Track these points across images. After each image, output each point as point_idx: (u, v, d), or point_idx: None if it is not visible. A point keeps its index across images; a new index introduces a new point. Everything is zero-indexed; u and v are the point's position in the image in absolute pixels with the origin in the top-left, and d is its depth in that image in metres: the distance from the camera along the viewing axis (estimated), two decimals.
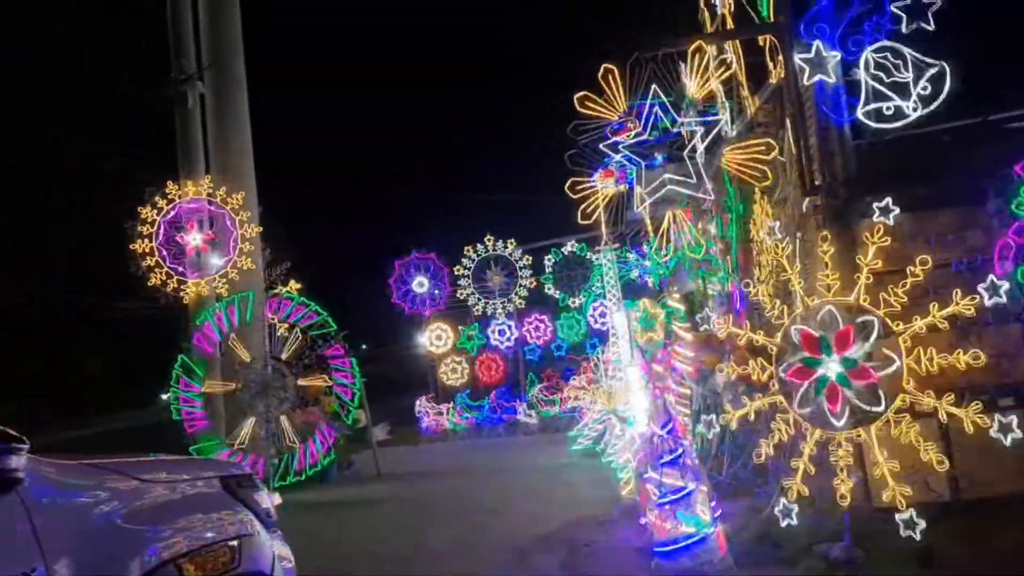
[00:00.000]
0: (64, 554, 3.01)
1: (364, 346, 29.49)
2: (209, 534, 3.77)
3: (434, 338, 20.43)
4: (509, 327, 20.23)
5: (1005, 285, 6.25)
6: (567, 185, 10.35)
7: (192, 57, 14.30)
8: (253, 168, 14.20)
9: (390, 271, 20.60)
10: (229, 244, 13.00)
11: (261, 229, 13.63)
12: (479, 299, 20.32)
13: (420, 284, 20.34)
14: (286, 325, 12.22)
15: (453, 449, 16.80)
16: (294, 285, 12.18)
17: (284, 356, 12.18)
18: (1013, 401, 7.01)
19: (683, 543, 6.84)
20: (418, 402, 19.13)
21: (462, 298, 20.35)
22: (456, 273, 20.46)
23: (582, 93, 9.34)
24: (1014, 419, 6.13)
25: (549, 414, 18.02)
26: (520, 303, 20.27)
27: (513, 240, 20.53)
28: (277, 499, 4.58)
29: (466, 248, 20.58)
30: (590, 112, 9.87)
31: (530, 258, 20.52)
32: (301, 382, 12.14)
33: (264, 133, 14.97)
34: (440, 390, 20.10)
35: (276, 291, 12.45)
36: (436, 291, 20.41)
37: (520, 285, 20.25)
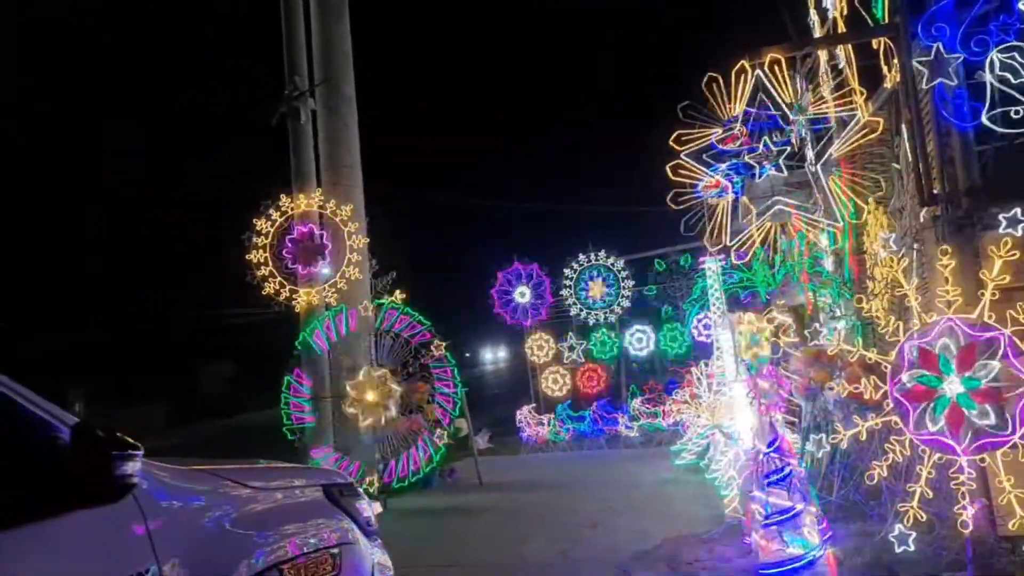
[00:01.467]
0: (175, 556, 3.19)
1: (466, 355, 29.90)
2: (312, 541, 3.91)
3: (536, 348, 20.48)
4: (610, 338, 20.06)
5: None
6: (669, 196, 10.20)
7: (305, 74, 14.91)
8: (361, 181, 14.66)
9: (494, 281, 20.80)
10: (338, 255, 13.48)
11: (368, 240, 14.05)
12: (581, 309, 20.24)
13: (522, 294, 20.44)
14: (391, 335, 12.52)
15: (554, 460, 16.77)
16: (399, 295, 12.48)
17: (389, 365, 12.48)
18: None
19: (789, 566, 6.61)
20: (519, 412, 19.20)
21: (564, 307, 20.33)
22: (557, 283, 20.45)
23: (685, 103, 9.20)
24: None
25: (652, 427, 17.74)
26: (622, 313, 20.08)
27: (615, 251, 20.37)
28: (378, 507, 4.70)
29: (568, 258, 20.54)
30: (695, 121, 9.70)
31: (632, 269, 20.29)
32: (405, 390, 12.40)
33: (376, 146, 15.45)
34: (541, 400, 20.11)
35: (382, 301, 12.78)
36: (537, 301, 20.46)
37: (622, 296, 20.05)
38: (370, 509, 4.52)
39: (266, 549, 3.64)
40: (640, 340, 20.12)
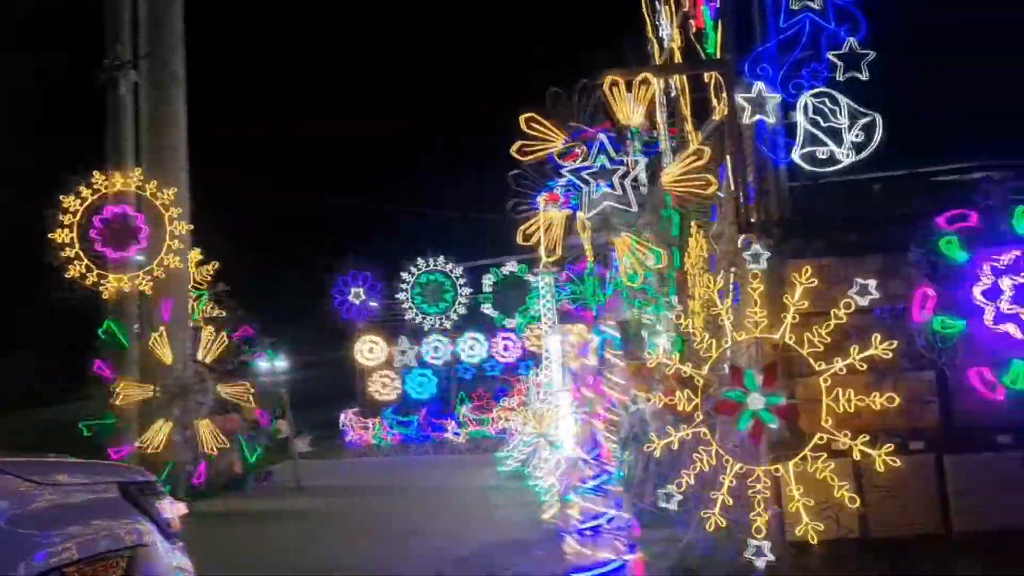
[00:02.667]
0: None
1: (292, 355, 28.86)
2: (103, 542, 3.58)
3: (365, 350, 20.13)
4: (442, 344, 20.08)
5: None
6: (508, 205, 10.35)
7: (128, 43, 13.85)
8: (187, 164, 13.82)
9: (326, 281, 20.30)
10: (156, 241, 12.60)
11: (192, 227, 13.25)
12: (416, 314, 20.14)
13: (356, 296, 20.07)
14: (210, 329, 11.86)
15: (377, 465, 16.53)
16: (222, 287, 11.85)
17: (207, 360, 11.81)
18: (923, 445, 7.22)
19: (599, 570, 6.81)
20: (344, 415, 18.77)
21: (399, 310, 20.16)
22: (393, 287, 20.25)
23: (528, 114, 9.38)
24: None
25: (479, 434, 17.89)
26: (457, 320, 20.17)
27: (453, 257, 20.46)
28: (182, 508, 4.38)
29: (405, 262, 20.41)
30: (535, 133, 9.91)
31: (469, 277, 20.45)
32: (222, 388, 11.77)
33: (203, 130, 14.63)
34: (368, 404, 19.78)
35: (203, 292, 12.09)
36: (372, 303, 20.17)
37: (458, 303, 20.15)
38: (172, 510, 4.21)
39: (49, 550, 3.29)
40: (473, 347, 20.27)
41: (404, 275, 20.30)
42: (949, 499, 7.20)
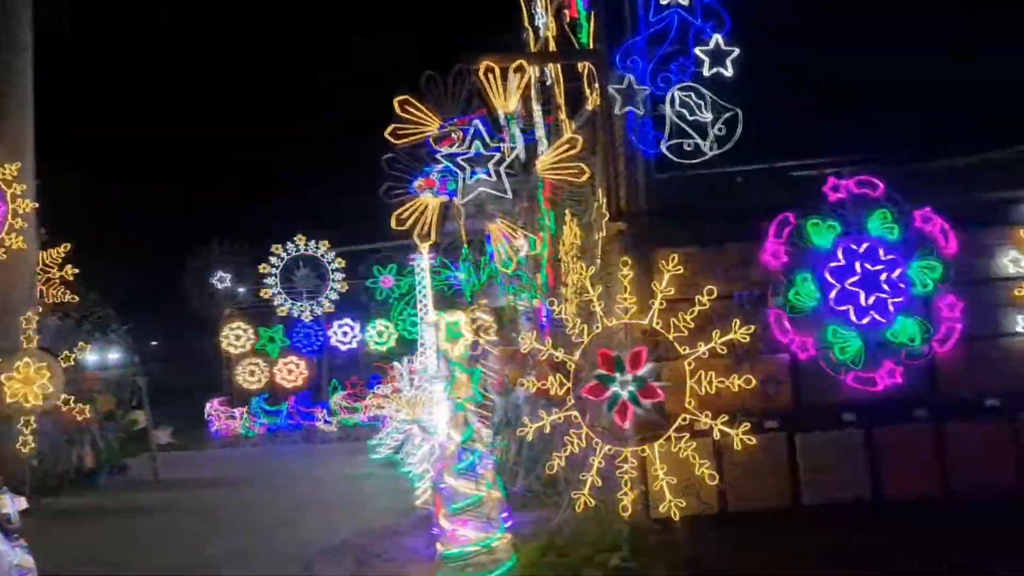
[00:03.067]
0: None
1: (152, 343, 27.39)
2: None
3: (232, 338, 19.37)
4: (315, 331, 19.60)
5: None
6: (383, 189, 10.17)
7: None
8: (32, 139, 12.81)
9: (188, 264, 19.38)
10: None
11: (38, 206, 12.27)
12: (285, 300, 19.53)
13: (220, 279, 19.25)
14: (60, 312, 11.07)
15: (245, 455, 15.97)
16: (71, 270, 11.04)
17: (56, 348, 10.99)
18: (777, 424, 7.67)
19: (471, 550, 6.85)
20: (209, 405, 18.00)
21: (266, 297, 19.47)
22: (262, 271, 19.53)
23: (403, 97, 9.24)
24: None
25: (350, 422, 17.59)
26: (329, 307, 19.70)
27: (326, 242, 19.94)
28: (23, 503, 4.06)
29: (275, 246, 19.71)
30: (410, 117, 9.78)
31: (343, 261, 20.00)
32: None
33: (56, 105, 13.62)
34: (235, 393, 19.06)
35: (50, 274, 11.25)
36: (240, 289, 19.42)
37: (331, 288, 19.70)
38: (12, 505, 3.89)
39: None
40: (346, 334, 19.89)
41: (273, 260, 19.61)
42: (800, 474, 7.68)
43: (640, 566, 6.78)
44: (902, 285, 7.61)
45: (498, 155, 10.23)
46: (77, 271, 11.08)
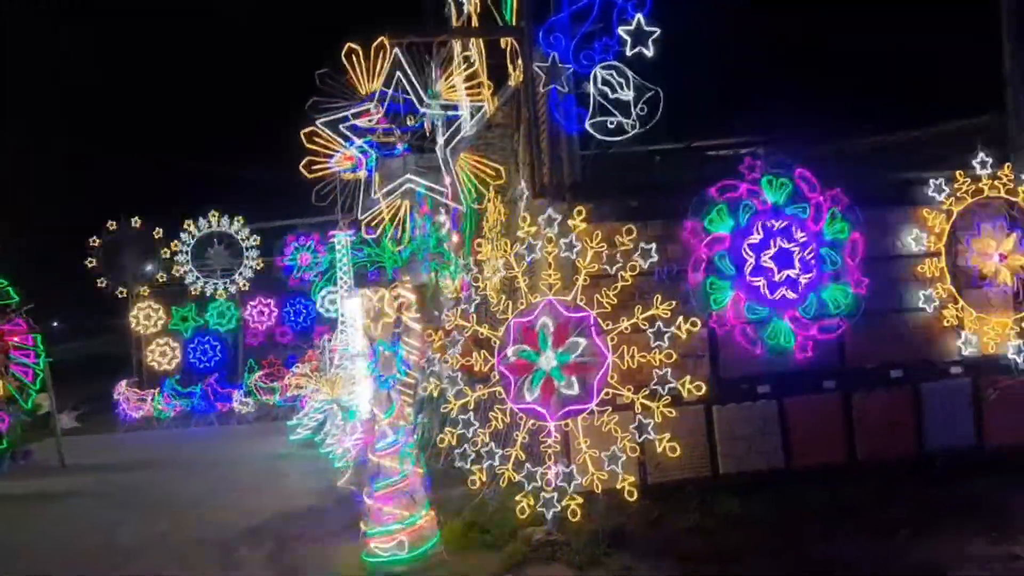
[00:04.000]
0: None
1: (55, 323, 26.13)
2: None
3: (142, 317, 18.65)
4: (230, 309, 19.05)
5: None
6: (302, 164, 9.94)
7: None
8: None
9: (95, 240, 18.51)
10: None
11: None
12: (197, 278, 18.90)
13: (129, 256, 18.45)
14: None
15: (157, 439, 15.44)
16: None
17: None
18: (696, 397, 7.85)
19: (395, 528, 6.84)
20: (117, 387, 17.30)
21: (178, 275, 18.80)
22: (173, 248, 18.83)
23: (323, 70, 9.03)
24: None
25: (268, 402, 17.22)
26: (244, 284, 19.17)
27: (241, 218, 19.35)
28: None
29: (187, 222, 19.02)
30: (331, 91, 9.56)
31: (259, 238, 19.47)
32: None
33: None
34: (146, 375, 18.38)
35: None
36: (148, 267, 18.68)
37: (246, 266, 19.15)
38: None
39: None
40: (262, 313, 19.40)
41: (184, 236, 18.92)
42: (716, 446, 7.92)
43: (564, 539, 6.89)
44: (813, 262, 7.92)
45: (420, 130, 10.16)
46: None
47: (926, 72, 12.14)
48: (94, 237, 18.57)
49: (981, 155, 8.59)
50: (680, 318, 7.00)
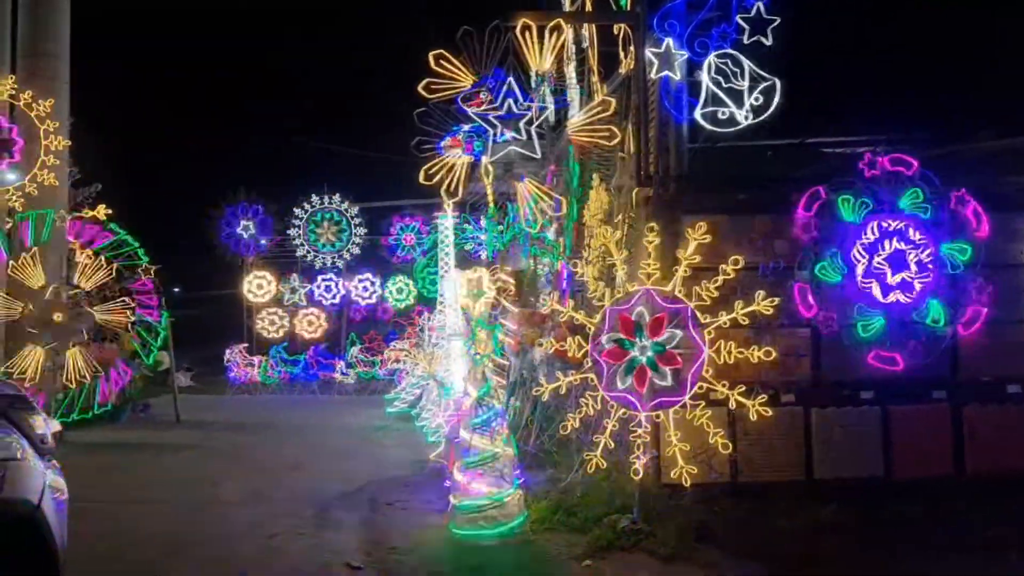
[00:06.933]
0: None
1: (177, 289, 27.71)
2: None
3: (254, 286, 19.55)
4: (336, 283, 19.74)
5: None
6: (413, 143, 10.16)
7: None
8: (68, 77, 12.90)
9: (216, 212, 19.51)
10: (31, 155, 11.72)
11: (70, 143, 12.40)
12: (308, 251, 19.68)
13: (246, 228, 19.38)
14: (89, 252, 11.21)
15: (262, 402, 16.21)
16: (103, 210, 11.16)
17: (84, 285, 11.17)
18: (794, 397, 7.68)
19: (483, 504, 6.98)
20: (228, 351, 18.24)
21: (291, 247, 19.65)
22: (286, 222, 19.68)
23: (438, 51, 9.18)
24: None
25: (367, 375, 17.78)
26: (350, 259, 19.83)
27: (350, 197, 20.01)
28: (56, 425, 4.18)
29: (300, 198, 19.84)
30: (444, 73, 9.72)
31: (366, 216, 20.09)
32: (100, 315, 11.19)
33: (89, 41, 13.68)
34: (255, 341, 19.29)
35: (81, 214, 11.38)
36: (263, 240, 19.54)
37: (352, 243, 19.79)
38: (46, 426, 4.01)
39: None
40: (367, 289, 20.00)
41: (298, 211, 19.73)
42: (813, 449, 7.70)
43: (649, 529, 6.87)
44: (931, 265, 7.55)
45: (529, 115, 10.20)
46: (109, 211, 11.19)
47: None
48: (215, 207, 19.56)
49: None
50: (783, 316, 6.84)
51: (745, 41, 7.55)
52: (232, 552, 6.66)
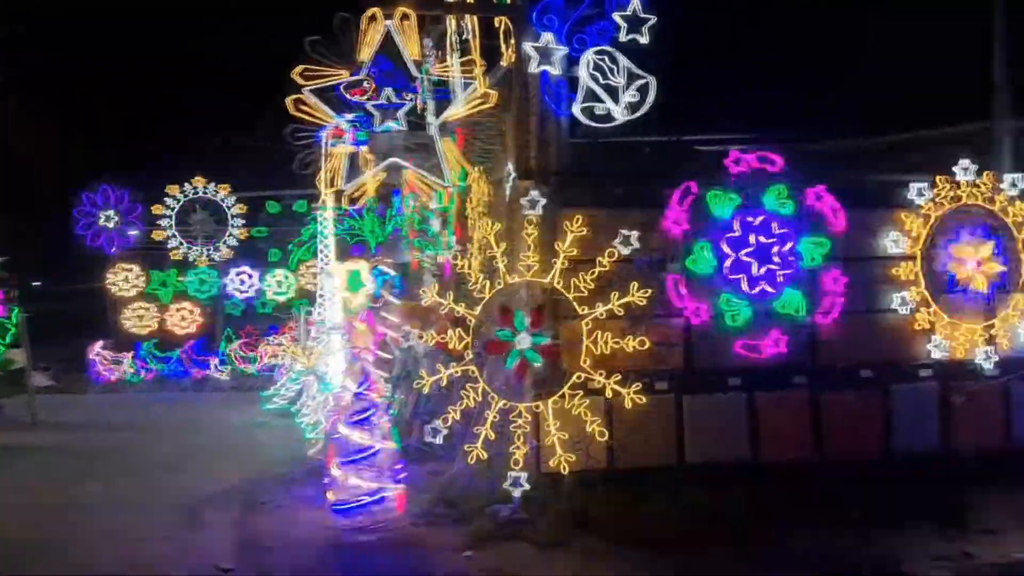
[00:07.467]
0: None
1: (38, 283, 25.81)
2: None
3: (120, 280, 18.47)
4: (209, 277, 18.89)
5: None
6: (289, 131, 9.87)
7: None
8: None
9: (74, 200, 18.27)
10: None
11: None
12: (180, 243, 18.73)
13: (108, 218, 18.22)
14: None
15: (129, 401, 15.39)
16: None
17: None
18: (667, 385, 7.92)
19: (363, 501, 6.88)
20: (92, 348, 17.18)
21: (160, 240, 18.63)
22: (155, 212, 18.63)
23: (314, 37, 8.95)
24: None
25: (244, 371, 17.17)
26: (228, 252, 19.01)
27: (226, 186, 19.15)
28: None
29: (170, 187, 18.82)
30: (322, 61, 9.48)
31: (244, 207, 19.29)
32: None
33: None
34: (122, 337, 18.23)
35: None
36: (129, 231, 18.45)
37: (229, 234, 18.99)
38: None
39: None
40: (244, 283, 19.24)
41: (168, 200, 18.72)
42: (684, 434, 7.97)
43: (529, 518, 6.95)
44: (792, 258, 7.96)
45: (409, 105, 10.10)
46: None
47: (917, 76, 12.24)
48: (77, 198, 18.33)
49: (963, 162, 8.64)
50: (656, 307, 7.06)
51: (622, 39, 7.72)
52: (92, 558, 6.30)
